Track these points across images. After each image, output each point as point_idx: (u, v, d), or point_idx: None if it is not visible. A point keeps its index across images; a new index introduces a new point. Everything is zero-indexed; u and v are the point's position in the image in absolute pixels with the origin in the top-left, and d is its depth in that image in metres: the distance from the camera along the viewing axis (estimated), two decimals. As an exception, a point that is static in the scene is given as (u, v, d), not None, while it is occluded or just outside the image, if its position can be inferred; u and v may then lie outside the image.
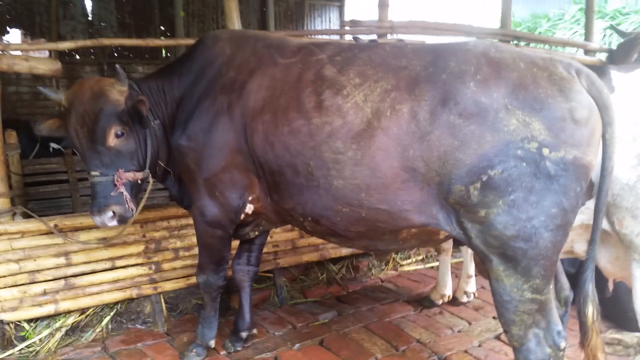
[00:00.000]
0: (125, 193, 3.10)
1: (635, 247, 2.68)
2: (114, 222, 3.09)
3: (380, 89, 2.56)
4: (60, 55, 9.82)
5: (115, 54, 11.45)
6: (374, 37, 5.04)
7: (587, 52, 6.64)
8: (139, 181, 3.21)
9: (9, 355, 3.50)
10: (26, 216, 3.73)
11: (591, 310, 2.57)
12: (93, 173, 3.07)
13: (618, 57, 5.59)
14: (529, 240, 2.32)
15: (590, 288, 2.56)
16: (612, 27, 7.46)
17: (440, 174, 2.41)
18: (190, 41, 4.15)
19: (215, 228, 3.23)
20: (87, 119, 3.01)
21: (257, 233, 3.54)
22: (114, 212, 3.06)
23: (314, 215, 2.83)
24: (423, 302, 4.45)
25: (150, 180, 3.28)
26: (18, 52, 3.73)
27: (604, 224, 2.77)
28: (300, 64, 2.91)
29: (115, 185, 3.06)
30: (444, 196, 2.45)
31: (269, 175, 2.93)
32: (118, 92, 3.06)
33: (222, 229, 3.23)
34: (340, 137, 2.60)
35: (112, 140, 3.05)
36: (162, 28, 11.49)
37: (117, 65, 3.09)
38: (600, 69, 2.75)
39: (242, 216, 3.20)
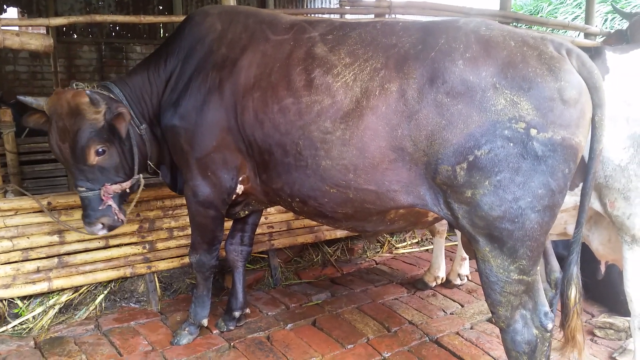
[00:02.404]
0: (114, 205, 3.15)
1: (627, 228, 2.67)
2: (104, 231, 3.22)
3: (370, 68, 2.53)
4: (57, 34, 9.78)
5: (113, 34, 11.38)
6: (371, 16, 5.00)
7: (588, 35, 6.59)
8: (128, 189, 3.23)
9: (2, 331, 3.52)
10: (18, 194, 3.72)
11: (574, 292, 2.55)
12: (79, 188, 3.09)
13: (635, 34, 5.17)
14: (514, 221, 2.29)
15: (574, 270, 2.54)
16: (613, 6, 7.37)
17: (427, 153, 2.38)
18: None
19: (207, 208, 3.22)
20: (67, 136, 2.99)
21: (247, 212, 3.54)
22: (102, 224, 3.16)
23: (301, 196, 2.82)
24: (416, 284, 4.46)
25: (142, 181, 3.32)
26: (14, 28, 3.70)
27: (597, 206, 2.76)
28: (292, 41, 2.88)
29: (102, 199, 3.09)
30: (431, 176, 2.42)
31: (258, 155, 2.92)
32: (94, 112, 3.00)
33: (214, 209, 3.23)
34: (329, 116, 2.58)
35: (93, 159, 3.04)
36: (160, 8, 11.40)
37: (88, 91, 2.99)
38: (595, 50, 2.72)
39: (233, 196, 3.20)
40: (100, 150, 3.04)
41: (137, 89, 3.31)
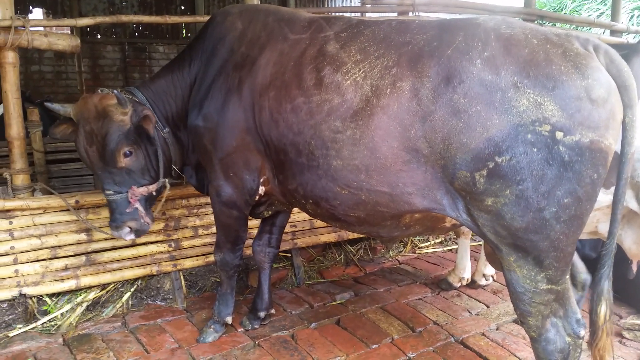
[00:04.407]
0: (140, 208, 3.18)
1: None
2: (132, 236, 3.22)
3: (381, 66, 2.46)
4: (81, 34, 9.91)
5: (136, 34, 11.50)
6: (394, 15, 4.97)
7: (613, 32, 6.49)
8: (154, 192, 3.25)
9: (31, 328, 3.58)
10: (46, 193, 3.77)
11: (604, 309, 2.39)
12: (107, 192, 3.12)
13: None
14: (538, 232, 2.19)
15: (606, 286, 2.39)
16: None
17: (444, 157, 2.29)
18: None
19: (231, 208, 3.23)
20: (95, 139, 3.03)
21: (270, 212, 3.56)
22: (130, 228, 3.18)
23: (314, 197, 2.77)
24: (441, 284, 4.43)
25: (167, 185, 3.33)
26: (40, 29, 3.75)
27: (633, 205, 2.68)
28: (308, 40, 2.85)
29: (130, 202, 3.12)
30: (449, 180, 2.32)
31: (275, 155, 2.90)
32: (121, 113, 3.04)
33: (237, 209, 3.24)
34: (339, 115, 2.53)
35: (121, 161, 3.07)
36: (182, 8, 11.49)
37: (116, 91, 3.05)
38: (634, 47, 2.65)
39: (256, 197, 3.21)
40: (127, 152, 3.07)
41: (160, 93, 3.34)
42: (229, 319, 3.59)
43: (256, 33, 3.10)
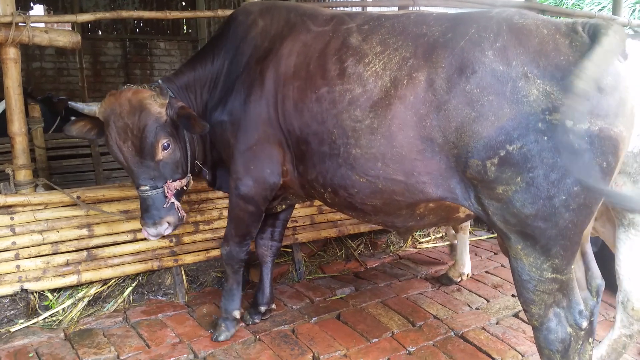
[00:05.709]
0: (176, 202, 3.17)
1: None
2: (169, 230, 3.20)
3: (399, 57, 2.52)
4: (82, 31, 9.91)
5: (137, 30, 11.49)
6: (395, 9, 4.97)
7: (615, 27, 6.46)
8: (185, 187, 3.26)
9: (33, 323, 3.59)
10: (48, 188, 3.79)
11: None
12: (143, 187, 3.09)
13: None
14: (548, 219, 2.20)
15: None
16: None
17: (457, 146, 2.32)
18: (209, 13, 4.13)
19: (247, 203, 3.23)
20: (131, 134, 2.98)
21: (283, 207, 3.56)
22: (169, 223, 3.16)
23: (332, 186, 2.83)
24: (441, 279, 4.44)
25: (192, 181, 3.33)
26: (41, 25, 3.75)
27: None
28: (331, 32, 2.90)
29: (166, 197, 3.11)
30: (462, 170, 2.37)
31: (296, 146, 2.94)
32: (159, 105, 3.02)
33: (254, 204, 3.24)
34: (359, 105, 2.59)
35: (160, 154, 3.05)
36: (183, 3, 11.47)
37: (160, 80, 3.05)
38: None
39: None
40: (165, 144, 3.06)
41: (184, 89, 3.34)
42: (237, 314, 3.56)
43: (279, 29, 3.15)
